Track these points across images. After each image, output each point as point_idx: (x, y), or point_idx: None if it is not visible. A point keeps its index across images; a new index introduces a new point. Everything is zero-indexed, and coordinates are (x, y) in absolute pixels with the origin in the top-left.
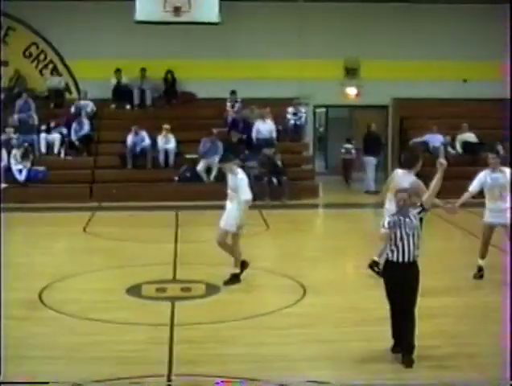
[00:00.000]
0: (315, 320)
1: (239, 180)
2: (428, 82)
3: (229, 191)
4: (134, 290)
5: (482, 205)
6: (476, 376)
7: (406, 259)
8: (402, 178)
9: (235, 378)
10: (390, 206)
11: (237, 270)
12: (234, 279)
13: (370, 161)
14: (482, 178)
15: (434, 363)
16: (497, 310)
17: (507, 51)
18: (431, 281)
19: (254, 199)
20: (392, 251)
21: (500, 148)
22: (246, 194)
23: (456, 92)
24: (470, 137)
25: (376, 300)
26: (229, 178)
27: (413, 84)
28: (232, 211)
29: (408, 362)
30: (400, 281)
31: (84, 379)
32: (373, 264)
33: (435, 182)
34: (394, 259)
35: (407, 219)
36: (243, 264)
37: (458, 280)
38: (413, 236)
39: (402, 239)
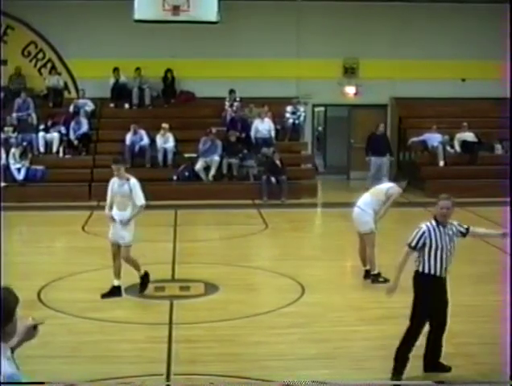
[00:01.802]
0: (314, 319)
1: (132, 185)
2: (427, 81)
3: (118, 199)
4: (133, 290)
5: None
6: (475, 376)
7: (443, 272)
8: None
9: (233, 377)
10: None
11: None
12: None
13: (378, 161)
14: None
15: None
16: (497, 310)
17: (506, 51)
18: None
19: None
20: (429, 264)
21: (498, 147)
22: (141, 199)
23: (455, 92)
24: (469, 136)
25: (374, 299)
26: (117, 183)
27: (412, 83)
28: (130, 223)
29: (448, 367)
30: (443, 296)
31: (82, 378)
32: (375, 279)
33: (493, 233)
34: (433, 272)
35: (449, 231)
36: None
37: (457, 279)
38: (451, 248)
39: (441, 250)
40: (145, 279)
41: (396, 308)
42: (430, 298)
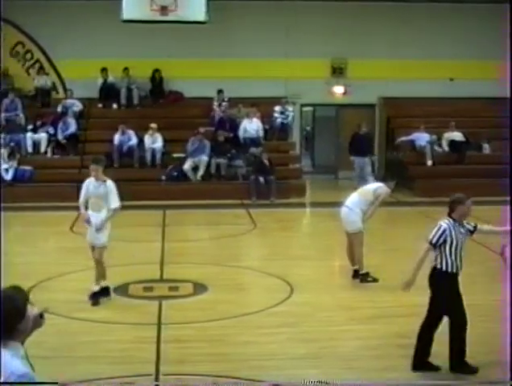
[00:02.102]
0: (303, 319)
1: (108, 187)
2: (415, 81)
3: (92, 200)
4: (122, 290)
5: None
6: (466, 376)
7: (460, 270)
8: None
9: (223, 377)
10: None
11: (97, 287)
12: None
13: (360, 160)
14: None
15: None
16: (489, 309)
17: (495, 50)
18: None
19: None
20: (450, 261)
21: (486, 146)
22: (116, 201)
23: (443, 91)
24: (457, 135)
25: (363, 299)
26: (93, 184)
27: (400, 83)
28: (106, 225)
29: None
30: (459, 293)
31: (71, 378)
32: (363, 278)
33: (497, 230)
34: (454, 270)
35: (462, 229)
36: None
37: None
38: (462, 246)
39: (460, 249)
40: (104, 291)
41: (386, 307)
42: (449, 295)
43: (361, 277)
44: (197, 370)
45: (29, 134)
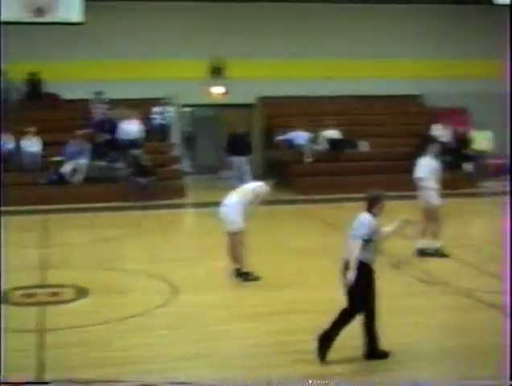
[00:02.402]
0: (186, 319)
1: None
2: (293, 80)
3: None
4: (1, 297)
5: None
6: (337, 369)
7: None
8: None
9: (109, 382)
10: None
11: None
12: None
13: (238, 160)
14: None
15: (299, 356)
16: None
17: (372, 49)
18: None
19: None
20: (370, 253)
21: (364, 144)
22: None
23: (321, 90)
24: (335, 133)
25: (245, 298)
26: None
27: (278, 82)
28: None
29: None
30: (373, 284)
31: None
32: (245, 277)
33: (390, 229)
34: (372, 263)
35: (377, 224)
36: None
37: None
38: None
39: (376, 243)
40: None
41: (268, 305)
42: (371, 287)
43: (243, 276)
44: (81, 375)
45: None
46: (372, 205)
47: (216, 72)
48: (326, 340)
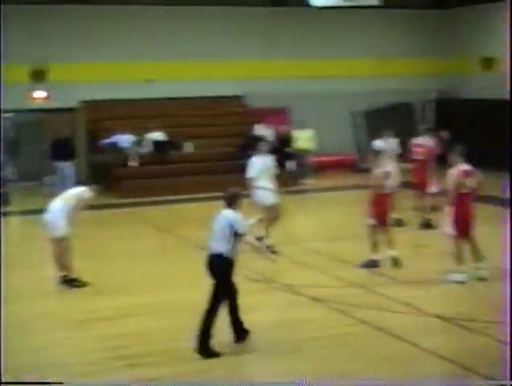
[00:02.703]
0: (11, 330)
1: None
2: (115, 83)
3: None
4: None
5: None
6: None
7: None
8: None
9: None
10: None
11: None
12: None
13: (62, 165)
14: None
15: (130, 361)
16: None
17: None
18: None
19: None
20: (234, 248)
21: (189, 145)
22: None
23: (143, 93)
24: (159, 136)
25: (73, 304)
26: None
27: (100, 86)
28: None
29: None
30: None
31: None
32: (72, 283)
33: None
34: (234, 257)
35: None
36: None
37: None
38: None
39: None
40: None
41: (96, 311)
42: (229, 280)
43: (69, 282)
44: None
45: None
46: (232, 202)
47: (38, 76)
48: (204, 335)
